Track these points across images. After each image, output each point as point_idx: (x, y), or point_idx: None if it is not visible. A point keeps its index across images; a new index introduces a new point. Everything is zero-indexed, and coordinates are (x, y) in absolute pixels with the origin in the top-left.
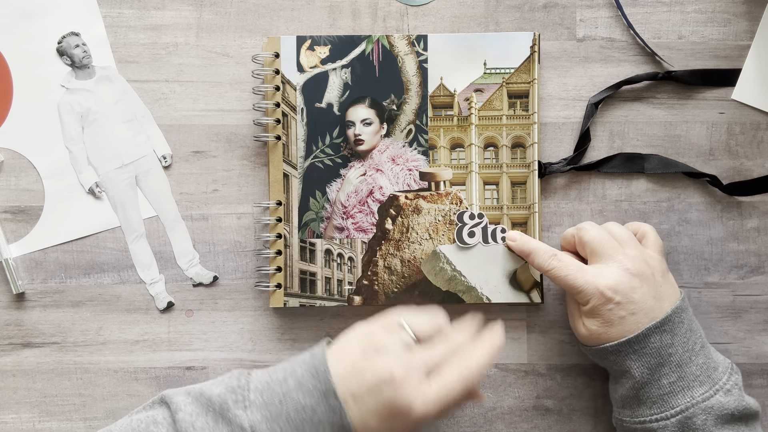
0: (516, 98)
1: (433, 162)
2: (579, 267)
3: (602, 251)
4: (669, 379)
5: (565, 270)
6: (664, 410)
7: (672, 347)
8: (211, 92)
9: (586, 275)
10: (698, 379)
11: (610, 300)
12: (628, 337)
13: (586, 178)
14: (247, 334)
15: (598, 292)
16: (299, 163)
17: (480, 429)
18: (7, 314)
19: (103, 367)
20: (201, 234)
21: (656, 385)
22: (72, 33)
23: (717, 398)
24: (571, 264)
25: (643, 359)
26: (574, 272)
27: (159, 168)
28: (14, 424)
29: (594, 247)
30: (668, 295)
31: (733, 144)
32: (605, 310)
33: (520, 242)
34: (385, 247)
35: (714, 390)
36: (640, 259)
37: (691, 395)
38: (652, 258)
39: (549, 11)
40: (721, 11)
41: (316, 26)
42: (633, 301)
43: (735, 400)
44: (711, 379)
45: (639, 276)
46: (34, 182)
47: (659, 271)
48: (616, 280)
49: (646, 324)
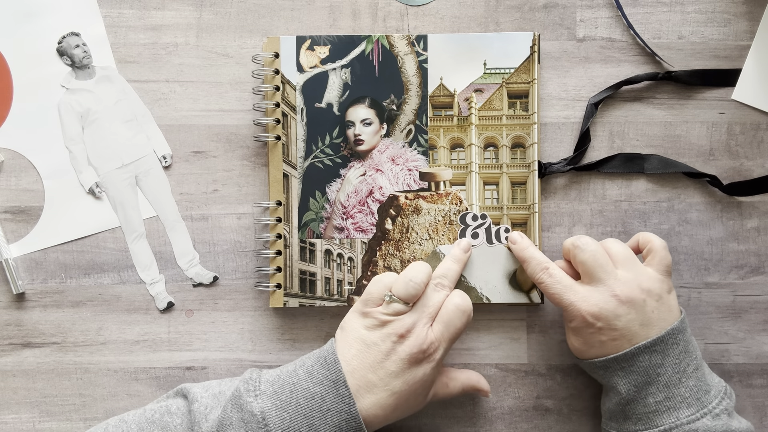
0: (516, 98)
1: (432, 162)
2: (568, 285)
3: (594, 274)
4: (655, 398)
5: (553, 287)
6: (648, 428)
7: (662, 367)
8: (211, 92)
9: (572, 296)
10: (686, 401)
11: (592, 325)
12: (616, 355)
13: (586, 179)
14: (247, 334)
15: (580, 315)
16: (299, 163)
17: (480, 429)
18: (7, 314)
19: (103, 367)
20: (201, 234)
21: (642, 403)
22: (72, 33)
23: (703, 422)
24: (560, 281)
25: (630, 377)
26: (561, 290)
27: (159, 168)
28: (14, 424)
29: (586, 269)
30: (660, 320)
31: (733, 144)
32: (587, 332)
33: (518, 247)
34: (384, 248)
35: (701, 413)
36: (633, 284)
37: (677, 416)
38: (650, 280)
39: (549, 11)
40: (721, 11)
41: (316, 26)
42: (615, 328)
43: (722, 425)
44: (700, 402)
45: (628, 303)
46: (34, 182)
47: (655, 295)
48: (601, 307)
49: (627, 348)
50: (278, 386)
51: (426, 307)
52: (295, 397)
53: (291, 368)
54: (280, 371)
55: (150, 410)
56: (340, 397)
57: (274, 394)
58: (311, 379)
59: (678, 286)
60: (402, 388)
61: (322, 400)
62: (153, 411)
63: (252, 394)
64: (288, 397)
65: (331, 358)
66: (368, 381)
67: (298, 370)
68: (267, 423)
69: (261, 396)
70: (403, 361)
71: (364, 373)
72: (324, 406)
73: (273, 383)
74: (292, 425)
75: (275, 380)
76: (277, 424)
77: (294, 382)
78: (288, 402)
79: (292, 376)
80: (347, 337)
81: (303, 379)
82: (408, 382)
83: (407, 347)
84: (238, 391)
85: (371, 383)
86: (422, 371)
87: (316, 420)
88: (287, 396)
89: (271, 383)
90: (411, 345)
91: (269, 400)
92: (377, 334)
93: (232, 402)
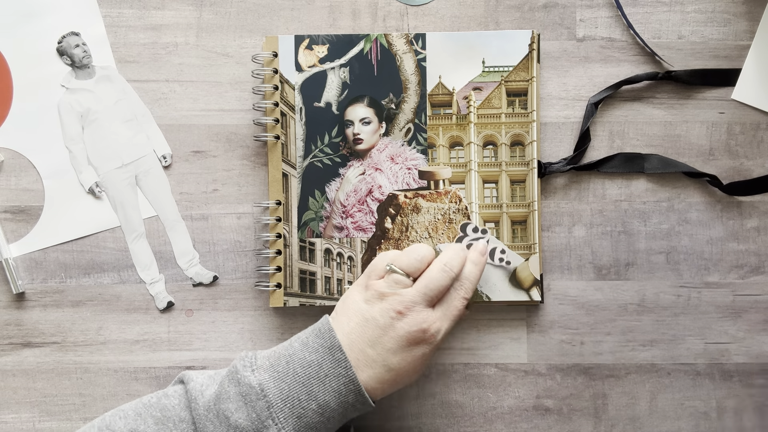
0: (515, 96)
1: (432, 161)
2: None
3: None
4: None
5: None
6: None
7: None
8: (211, 92)
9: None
10: None
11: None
12: None
13: (586, 178)
14: (247, 334)
15: None
16: (298, 162)
17: (480, 429)
18: (7, 314)
19: (103, 367)
20: (201, 234)
21: None
22: (72, 33)
23: None
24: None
25: None
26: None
27: (159, 168)
28: (14, 424)
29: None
30: None
31: (733, 144)
32: None
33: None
34: (384, 246)
35: None
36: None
37: None
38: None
39: (549, 11)
40: (721, 11)
41: (316, 26)
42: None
43: None
44: None
45: None
46: (34, 182)
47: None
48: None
49: None
50: (274, 359)
51: (429, 289)
52: (292, 367)
53: (286, 344)
54: (275, 348)
55: (147, 397)
56: (337, 361)
57: (271, 367)
58: (306, 348)
59: (678, 285)
60: (400, 366)
61: (319, 367)
62: (150, 397)
63: (248, 369)
64: (285, 368)
65: (325, 327)
66: (367, 355)
67: (294, 343)
68: (266, 394)
69: (258, 370)
70: (402, 338)
71: (363, 347)
72: (321, 372)
73: (269, 357)
74: (291, 394)
75: (270, 355)
76: (276, 394)
77: (290, 354)
78: (285, 372)
79: (288, 349)
80: (347, 310)
81: (298, 350)
82: (406, 360)
83: (406, 325)
84: (234, 368)
85: (370, 358)
86: (421, 351)
87: (314, 387)
88: (284, 367)
89: (267, 357)
90: (410, 323)
91: (266, 372)
92: (376, 309)
93: (229, 378)
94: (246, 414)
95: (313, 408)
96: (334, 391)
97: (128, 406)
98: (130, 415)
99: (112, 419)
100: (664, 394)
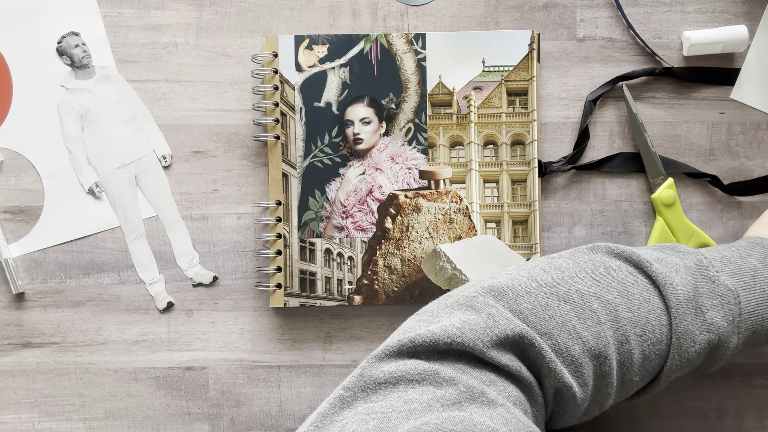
0: (515, 96)
1: (432, 160)
2: None
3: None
4: None
5: None
6: None
7: None
8: (211, 92)
9: None
10: None
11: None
12: None
13: (586, 178)
14: (247, 334)
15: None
16: (298, 162)
17: None
18: (7, 314)
19: (103, 367)
20: (201, 234)
21: None
22: (72, 33)
23: None
24: None
25: None
26: None
27: (159, 168)
28: (14, 424)
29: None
30: None
31: (734, 144)
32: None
33: None
34: (385, 246)
35: None
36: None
37: None
38: None
39: (549, 11)
40: (721, 11)
41: (316, 26)
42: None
43: None
44: None
45: None
46: (34, 182)
47: None
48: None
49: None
50: (734, 267)
51: None
52: (760, 284)
53: (735, 253)
54: (721, 254)
55: (580, 262)
56: None
57: (733, 275)
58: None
59: None
60: None
61: None
62: (585, 263)
63: (714, 270)
64: (751, 282)
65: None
66: None
67: (749, 259)
68: (740, 301)
69: (722, 273)
70: None
71: None
72: None
73: (727, 263)
74: (758, 309)
75: (726, 261)
76: (745, 306)
77: (753, 267)
78: (752, 286)
79: (744, 260)
80: None
81: (760, 269)
82: None
83: None
84: (701, 264)
85: None
86: None
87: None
88: (749, 280)
89: (724, 263)
90: None
91: (733, 278)
92: None
93: (701, 273)
94: (723, 314)
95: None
96: None
97: (567, 266)
98: (584, 278)
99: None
100: (664, 394)
